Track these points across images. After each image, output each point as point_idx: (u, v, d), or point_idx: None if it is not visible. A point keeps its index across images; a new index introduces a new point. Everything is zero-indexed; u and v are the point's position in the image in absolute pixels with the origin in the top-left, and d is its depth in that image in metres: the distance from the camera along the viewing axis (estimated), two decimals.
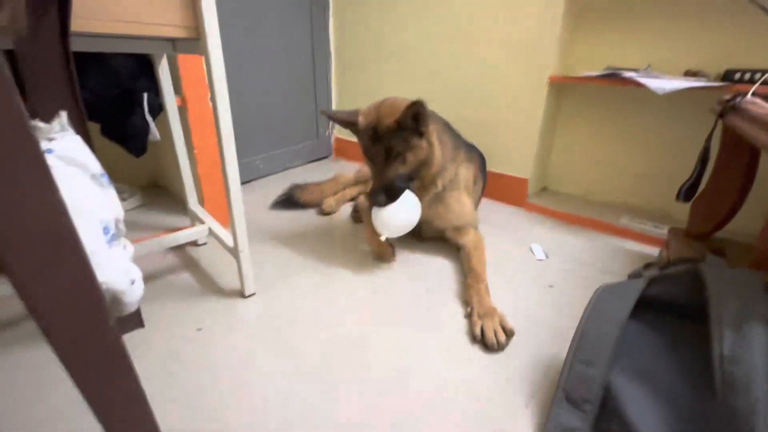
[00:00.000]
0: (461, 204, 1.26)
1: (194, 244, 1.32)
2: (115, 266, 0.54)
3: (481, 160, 1.49)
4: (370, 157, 1.12)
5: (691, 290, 0.68)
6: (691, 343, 0.67)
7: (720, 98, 0.98)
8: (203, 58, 0.80)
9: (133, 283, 0.57)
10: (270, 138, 2.02)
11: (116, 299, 0.54)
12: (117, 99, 1.08)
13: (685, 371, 0.64)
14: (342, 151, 2.37)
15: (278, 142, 2.08)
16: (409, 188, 1.14)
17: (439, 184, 1.21)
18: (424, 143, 1.10)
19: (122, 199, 1.49)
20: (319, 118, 2.26)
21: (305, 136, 2.23)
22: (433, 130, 1.12)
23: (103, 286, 0.50)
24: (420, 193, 1.18)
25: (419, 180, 1.18)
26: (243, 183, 1.93)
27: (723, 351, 0.57)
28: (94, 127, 1.11)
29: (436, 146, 1.14)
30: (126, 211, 1.50)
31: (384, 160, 1.08)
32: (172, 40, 0.92)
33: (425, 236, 1.34)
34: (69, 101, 0.61)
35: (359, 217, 1.51)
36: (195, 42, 0.80)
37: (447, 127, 1.30)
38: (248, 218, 1.54)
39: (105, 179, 0.58)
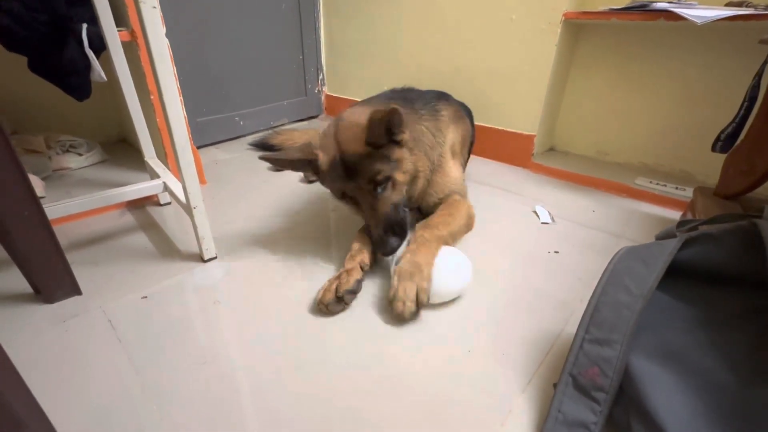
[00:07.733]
0: (446, 176, 1.02)
1: (157, 203, 1.18)
2: None
3: (468, 115, 1.28)
4: (350, 197, 0.86)
5: (740, 252, 0.53)
6: (736, 318, 0.53)
7: None
8: None
9: None
10: (250, 92, 1.83)
11: None
12: (46, 27, 0.90)
13: (726, 352, 0.51)
14: (333, 109, 2.18)
15: (260, 98, 1.89)
16: (407, 213, 0.89)
17: (429, 171, 0.97)
18: (406, 152, 0.86)
19: (78, 155, 1.34)
20: (307, 72, 2.05)
21: (292, 92, 2.03)
22: (407, 132, 0.85)
23: None
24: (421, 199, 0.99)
25: (418, 193, 0.96)
26: (220, 141, 1.77)
27: None
28: (21, 61, 0.93)
29: (418, 147, 0.91)
30: (83, 167, 1.36)
31: (370, 194, 0.83)
32: None
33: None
34: None
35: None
36: None
37: (408, 100, 1.01)
38: (220, 178, 1.42)
39: None
